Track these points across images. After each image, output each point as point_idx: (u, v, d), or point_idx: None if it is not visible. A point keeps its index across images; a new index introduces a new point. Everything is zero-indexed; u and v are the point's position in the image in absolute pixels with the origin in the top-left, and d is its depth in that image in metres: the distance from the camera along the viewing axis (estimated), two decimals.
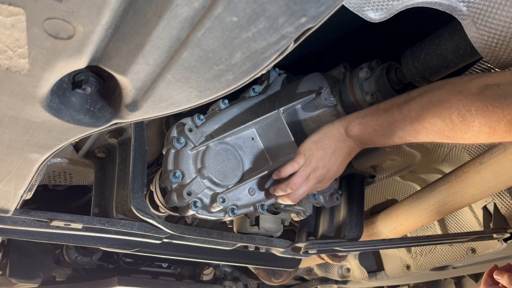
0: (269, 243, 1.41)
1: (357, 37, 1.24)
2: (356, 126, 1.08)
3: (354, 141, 1.11)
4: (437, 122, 0.91)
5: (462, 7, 0.88)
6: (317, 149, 1.12)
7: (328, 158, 1.12)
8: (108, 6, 0.48)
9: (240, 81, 0.60)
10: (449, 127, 0.90)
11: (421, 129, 0.95)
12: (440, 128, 0.92)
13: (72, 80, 0.64)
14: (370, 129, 1.05)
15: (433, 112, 0.92)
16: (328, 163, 1.13)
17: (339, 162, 1.14)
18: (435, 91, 0.93)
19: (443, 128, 0.91)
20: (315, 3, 0.47)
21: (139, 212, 1.14)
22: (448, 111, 0.89)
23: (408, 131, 0.97)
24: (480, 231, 1.46)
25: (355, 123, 1.08)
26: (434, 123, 0.92)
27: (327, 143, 1.12)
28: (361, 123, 1.06)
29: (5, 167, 0.79)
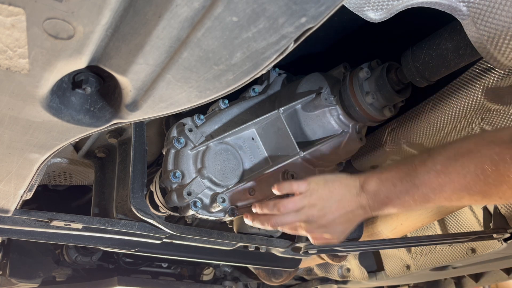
0: (269, 243, 1.41)
1: (357, 37, 1.24)
2: (373, 180, 0.98)
3: (367, 199, 0.99)
4: (467, 174, 0.82)
5: (462, 7, 0.88)
6: (324, 187, 1.03)
7: (330, 203, 1.01)
8: (108, 6, 0.48)
9: (240, 81, 0.60)
10: (480, 180, 0.81)
11: (448, 183, 0.85)
12: (470, 181, 0.82)
13: (72, 80, 0.64)
14: (389, 184, 0.95)
15: (462, 162, 0.83)
16: (328, 208, 1.02)
17: (340, 213, 1.01)
18: (462, 143, 0.86)
19: (474, 181, 0.82)
20: (315, 3, 0.47)
21: (139, 212, 1.14)
22: (480, 160, 0.80)
23: (433, 186, 0.87)
24: (480, 231, 1.46)
25: (373, 178, 0.99)
26: (463, 175, 0.83)
27: (337, 187, 1.02)
28: (379, 178, 0.97)
29: (5, 167, 0.79)
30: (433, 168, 0.87)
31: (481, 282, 2.00)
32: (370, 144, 1.44)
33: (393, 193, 0.94)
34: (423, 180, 0.88)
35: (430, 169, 0.87)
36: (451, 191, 0.85)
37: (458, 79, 1.21)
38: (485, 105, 1.17)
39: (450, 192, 0.86)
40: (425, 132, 1.30)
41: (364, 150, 1.46)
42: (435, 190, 0.87)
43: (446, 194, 0.86)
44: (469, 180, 0.82)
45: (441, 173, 0.85)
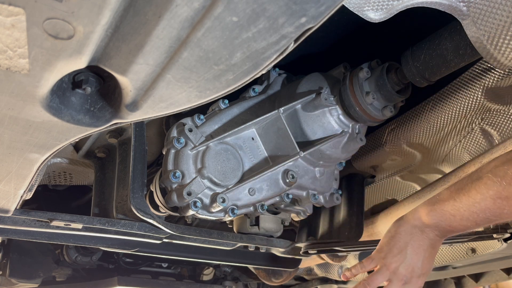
0: (269, 243, 1.41)
1: (357, 37, 1.24)
2: (430, 215, 1.00)
3: (432, 230, 1.02)
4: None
5: (462, 7, 0.88)
6: (390, 250, 1.05)
7: (408, 256, 1.03)
8: (108, 6, 0.48)
9: (240, 81, 0.60)
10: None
11: (506, 206, 0.87)
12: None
13: (72, 80, 0.64)
14: (447, 215, 0.97)
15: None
16: (409, 261, 1.03)
17: (422, 257, 1.04)
18: (510, 164, 0.87)
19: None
20: (315, 3, 0.47)
21: (139, 212, 1.14)
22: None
23: (493, 211, 0.89)
24: (480, 231, 1.46)
25: (427, 212, 1.01)
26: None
27: (402, 240, 1.04)
28: (434, 209, 0.99)
29: (5, 167, 0.79)
30: (486, 194, 0.89)
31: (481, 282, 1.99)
32: (370, 144, 1.45)
33: (454, 222, 0.96)
34: (481, 207, 0.90)
35: (485, 197, 0.89)
36: (511, 212, 0.88)
37: (458, 79, 1.21)
38: (485, 105, 1.17)
39: (510, 212, 0.88)
40: (425, 132, 1.30)
41: (364, 150, 1.46)
42: (495, 213, 0.90)
43: (506, 215, 0.89)
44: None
45: (497, 197, 0.87)
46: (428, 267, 1.06)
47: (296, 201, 1.33)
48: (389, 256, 1.05)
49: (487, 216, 0.91)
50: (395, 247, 1.05)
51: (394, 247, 1.05)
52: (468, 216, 0.94)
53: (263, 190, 1.20)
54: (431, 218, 1.00)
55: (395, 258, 1.04)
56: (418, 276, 1.05)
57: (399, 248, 1.04)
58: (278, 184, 1.22)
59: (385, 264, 1.05)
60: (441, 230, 1.01)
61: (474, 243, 1.63)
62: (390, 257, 1.04)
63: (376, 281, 1.06)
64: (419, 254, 1.04)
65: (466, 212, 0.93)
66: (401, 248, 1.04)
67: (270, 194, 1.21)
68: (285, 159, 1.18)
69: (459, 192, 0.95)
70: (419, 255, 1.04)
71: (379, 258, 1.07)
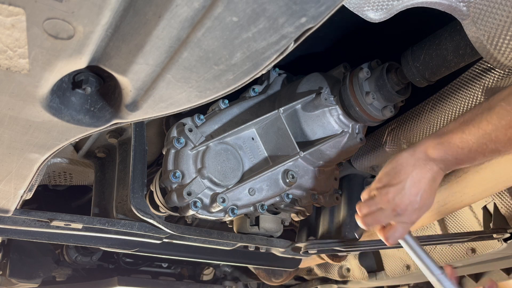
0: (269, 243, 1.41)
1: (357, 37, 1.24)
2: (436, 148, 0.95)
3: (436, 164, 0.97)
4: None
5: (462, 7, 0.88)
6: (390, 179, 1.00)
7: (407, 189, 0.98)
8: (108, 6, 0.48)
9: (240, 81, 0.60)
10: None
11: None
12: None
13: (72, 80, 0.64)
14: (454, 147, 0.92)
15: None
16: (408, 194, 0.98)
17: (422, 190, 0.98)
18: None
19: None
20: (315, 3, 0.47)
21: (139, 212, 1.14)
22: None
23: (503, 142, 0.85)
24: (480, 231, 1.46)
25: (434, 145, 0.96)
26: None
27: (403, 171, 0.99)
28: (441, 143, 0.94)
29: (5, 167, 0.79)
30: (498, 124, 0.84)
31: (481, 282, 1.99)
32: (370, 144, 1.44)
33: (463, 155, 0.92)
34: (491, 138, 0.86)
35: (496, 127, 0.85)
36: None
37: (458, 79, 1.21)
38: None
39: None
40: (425, 132, 1.30)
41: (364, 150, 1.46)
42: (506, 144, 0.86)
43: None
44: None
45: (509, 127, 0.83)
46: (427, 202, 1.00)
47: (296, 201, 1.33)
48: (386, 186, 1.00)
49: (497, 147, 0.87)
50: (394, 178, 0.99)
51: (393, 178, 0.99)
52: (477, 148, 0.89)
53: (263, 190, 1.20)
54: (437, 152, 0.95)
55: (392, 188, 0.99)
56: (414, 210, 1.00)
57: (399, 179, 0.99)
58: (278, 184, 1.22)
59: (381, 193, 1.01)
60: (446, 164, 0.96)
61: (474, 243, 1.63)
62: (388, 187, 1.00)
63: (368, 208, 1.03)
64: (419, 187, 0.98)
65: (475, 144, 0.89)
66: (401, 179, 0.99)
67: (270, 194, 1.21)
68: (285, 159, 1.18)
69: (468, 123, 0.90)
70: (418, 188, 0.98)
71: (376, 186, 1.03)
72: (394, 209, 0.99)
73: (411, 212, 1.00)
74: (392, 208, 0.99)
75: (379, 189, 1.02)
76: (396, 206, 0.99)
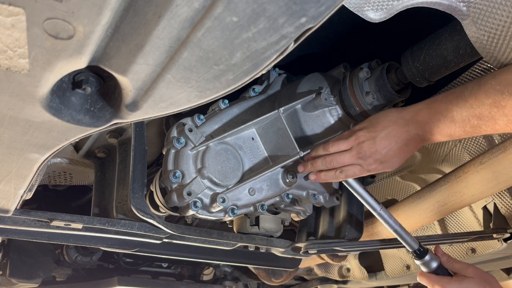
0: (269, 243, 1.41)
1: (357, 37, 1.24)
2: (423, 111, 0.98)
3: (416, 128, 1.00)
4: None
5: (462, 7, 0.88)
6: (368, 126, 1.05)
7: (379, 137, 1.03)
8: (108, 6, 0.48)
9: (240, 81, 0.60)
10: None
11: (501, 116, 0.86)
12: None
13: (72, 80, 0.64)
14: (439, 115, 0.95)
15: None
16: (378, 143, 1.03)
17: (391, 145, 1.02)
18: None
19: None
20: (315, 3, 0.47)
21: (139, 212, 1.14)
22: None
23: (485, 119, 0.88)
24: (480, 231, 1.46)
25: (423, 108, 0.99)
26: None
27: (382, 122, 1.04)
28: (429, 107, 0.97)
29: (5, 167, 0.79)
30: (484, 101, 0.86)
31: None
32: None
33: (444, 124, 0.94)
34: (475, 113, 0.88)
35: (482, 103, 0.87)
36: (504, 124, 0.86)
37: (458, 79, 1.21)
38: None
39: (503, 124, 0.86)
40: None
41: None
42: (488, 122, 0.88)
43: (499, 126, 0.87)
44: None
45: (494, 107, 0.86)
46: (391, 160, 1.04)
47: (296, 201, 1.33)
48: (363, 130, 1.05)
49: (478, 124, 0.89)
50: (372, 125, 1.04)
51: (372, 125, 1.04)
52: (459, 120, 0.91)
53: (263, 190, 1.20)
54: (422, 114, 0.98)
55: (366, 134, 1.04)
56: (375, 160, 1.04)
57: (375, 128, 1.03)
58: (278, 184, 1.22)
59: (355, 134, 1.06)
60: (426, 130, 0.98)
61: (474, 243, 1.63)
62: (363, 131, 1.05)
63: (340, 144, 1.07)
64: (390, 142, 1.02)
65: (458, 115, 0.91)
66: (377, 129, 1.03)
67: (270, 194, 1.21)
68: (285, 159, 1.18)
69: (457, 95, 0.92)
70: (388, 142, 1.02)
71: (355, 129, 1.08)
72: (359, 151, 1.05)
73: (372, 161, 1.05)
74: (358, 150, 1.05)
75: (355, 131, 1.07)
76: (361, 149, 1.05)
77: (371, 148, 1.04)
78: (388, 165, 1.06)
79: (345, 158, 1.07)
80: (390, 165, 1.06)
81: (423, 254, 1.12)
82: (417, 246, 1.12)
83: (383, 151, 1.03)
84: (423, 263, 1.12)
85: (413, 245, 1.12)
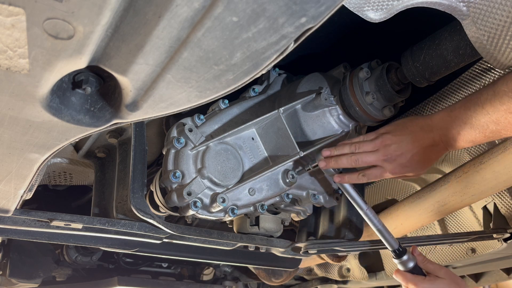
0: (269, 243, 1.41)
1: (357, 37, 1.24)
2: (444, 118, 1.01)
3: (440, 135, 1.02)
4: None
5: (462, 7, 0.88)
6: (395, 129, 1.07)
7: (405, 142, 1.05)
8: (108, 6, 0.48)
9: (240, 81, 0.60)
10: None
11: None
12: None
13: (72, 80, 0.64)
14: (460, 122, 0.97)
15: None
16: (404, 147, 1.05)
17: (417, 150, 1.04)
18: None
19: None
20: (315, 3, 0.47)
21: (139, 212, 1.14)
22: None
23: (502, 124, 0.91)
24: (480, 231, 1.46)
25: (443, 116, 1.01)
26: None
27: (409, 127, 1.06)
28: (450, 115, 1.00)
29: (5, 167, 0.79)
30: (499, 108, 0.89)
31: (481, 282, 1.99)
32: None
33: (465, 130, 0.97)
34: (492, 119, 0.91)
35: (497, 109, 0.90)
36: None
37: (458, 79, 1.21)
38: None
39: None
40: None
41: None
42: (506, 127, 0.91)
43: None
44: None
45: (508, 113, 0.88)
46: (414, 165, 1.06)
47: (296, 201, 1.33)
48: (389, 133, 1.07)
49: (497, 129, 0.92)
50: (399, 130, 1.06)
51: (398, 130, 1.06)
52: (478, 126, 0.94)
53: (263, 190, 1.20)
54: (444, 122, 1.00)
55: (392, 137, 1.06)
56: (400, 163, 1.06)
57: (402, 133, 1.05)
58: (278, 184, 1.22)
59: (382, 137, 1.07)
60: (449, 137, 1.01)
61: (474, 243, 1.63)
62: (390, 135, 1.06)
63: (365, 145, 1.09)
64: (415, 146, 1.04)
65: (477, 121, 0.94)
66: (404, 133, 1.05)
67: (270, 194, 1.21)
68: (285, 159, 1.18)
69: (474, 102, 0.95)
70: (414, 147, 1.04)
71: (381, 131, 1.09)
72: (385, 154, 1.06)
73: (396, 164, 1.07)
74: (384, 152, 1.06)
75: (382, 133, 1.08)
76: (388, 152, 1.06)
77: (397, 151, 1.05)
78: (410, 170, 1.08)
79: (371, 158, 1.08)
80: (413, 170, 1.08)
81: (402, 253, 1.17)
82: (397, 246, 1.18)
83: (408, 155, 1.05)
84: (401, 262, 1.17)
85: (393, 244, 1.18)
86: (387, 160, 1.07)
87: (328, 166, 1.16)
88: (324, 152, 1.16)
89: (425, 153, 1.05)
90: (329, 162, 1.15)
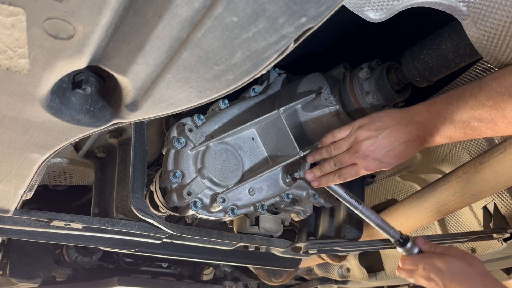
0: (269, 243, 1.41)
1: (357, 37, 1.24)
2: (423, 112, 0.97)
3: (417, 129, 0.99)
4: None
5: (462, 7, 0.88)
6: (369, 123, 1.04)
7: (380, 136, 1.02)
8: (108, 6, 0.48)
9: (240, 81, 0.60)
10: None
11: (501, 118, 0.85)
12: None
13: (72, 80, 0.64)
14: (440, 117, 0.94)
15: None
16: (379, 141, 1.02)
17: (393, 145, 1.02)
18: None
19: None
20: (315, 3, 0.47)
21: (139, 212, 1.14)
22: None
23: (486, 121, 0.87)
24: (480, 231, 1.46)
25: (423, 110, 0.98)
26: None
27: (385, 121, 1.02)
28: (429, 110, 0.96)
29: (5, 167, 0.79)
30: (485, 103, 0.86)
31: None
32: None
33: (444, 126, 0.94)
34: (475, 116, 0.88)
35: (482, 105, 0.86)
36: (504, 126, 0.85)
37: (458, 79, 1.21)
38: None
39: (503, 126, 0.86)
40: None
41: None
42: (488, 125, 0.87)
43: (499, 128, 0.87)
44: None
45: (494, 109, 0.85)
46: (389, 160, 1.04)
47: (296, 201, 1.33)
48: (363, 128, 1.04)
49: (478, 126, 0.89)
50: (374, 124, 1.03)
51: (373, 124, 1.03)
52: (459, 122, 0.91)
53: (263, 190, 1.20)
54: (422, 116, 0.98)
55: (367, 132, 1.03)
56: (374, 159, 1.04)
57: (377, 127, 1.03)
58: (278, 184, 1.22)
59: (356, 132, 1.05)
60: (426, 132, 0.98)
61: (474, 243, 1.63)
62: (364, 130, 1.04)
63: (340, 145, 1.08)
64: (390, 141, 1.01)
65: (458, 117, 0.91)
66: (379, 127, 1.02)
67: (270, 194, 1.21)
68: (285, 159, 1.18)
69: (457, 97, 0.92)
70: (389, 142, 1.01)
71: (356, 125, 1.07)
72: (357, 150, 1.04)
73: (370, 160, 1.04)
74: (356, 149, 1.04)
75: (356, 128, 1.06)
76: (361, 148, 1.04)
77: (371, 146, 1.03)
78: (385, 165, 1.06)
79: (345, 158, 1.08)
80: (387, 165, 1.06)
81: (405, 242, 1.18)
82: (398, 236, 1.19)
83: (383, 150, 1.03)
84: (405, 250, 1.18)
85: (395, 235, 1.19)
86: (361, 156, 1.04)
87: (315, 176, 1.16)
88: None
89: (400, 148, 1.02)
90: (315, 172, 1.15)
